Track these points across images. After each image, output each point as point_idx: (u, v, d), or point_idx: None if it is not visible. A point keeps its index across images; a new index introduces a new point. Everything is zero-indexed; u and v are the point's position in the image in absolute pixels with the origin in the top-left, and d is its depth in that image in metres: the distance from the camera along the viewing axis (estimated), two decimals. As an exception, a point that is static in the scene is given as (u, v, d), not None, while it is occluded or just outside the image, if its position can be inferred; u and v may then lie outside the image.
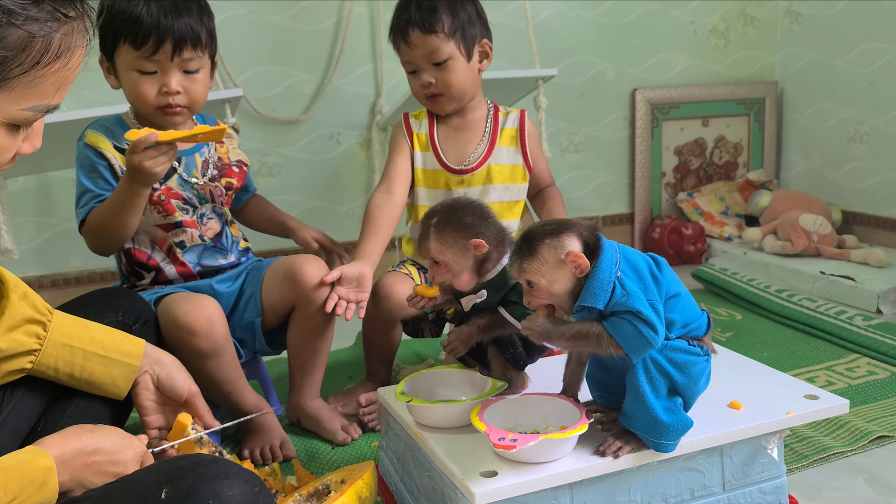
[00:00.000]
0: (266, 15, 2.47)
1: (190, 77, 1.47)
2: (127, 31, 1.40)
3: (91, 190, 1.46)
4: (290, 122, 2.56)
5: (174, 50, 1.42)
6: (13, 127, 0.79)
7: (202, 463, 0.84)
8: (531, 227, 1.08)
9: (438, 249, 1.18)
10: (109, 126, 1.52)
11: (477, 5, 1.69)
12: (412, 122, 1.76)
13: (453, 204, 1.22)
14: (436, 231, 1.19)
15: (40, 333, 1.03)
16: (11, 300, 1.00)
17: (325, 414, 1.59)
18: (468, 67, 1.66)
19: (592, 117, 2.99)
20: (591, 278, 1.03)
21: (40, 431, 1.09)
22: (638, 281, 1.05)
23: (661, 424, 1.06)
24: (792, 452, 1.44)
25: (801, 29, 3.07)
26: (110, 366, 1.09)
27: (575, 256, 1.02)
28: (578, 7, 2.86)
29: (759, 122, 3.20)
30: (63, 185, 2.36)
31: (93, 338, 1.08)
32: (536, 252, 1.04)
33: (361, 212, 2.69)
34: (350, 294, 1.51)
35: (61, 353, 1.05)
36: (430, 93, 1.67)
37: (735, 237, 2.92)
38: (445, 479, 1.10)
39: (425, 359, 2.02)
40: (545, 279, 1.04)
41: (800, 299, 2.30)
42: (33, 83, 0.76)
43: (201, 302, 1.41)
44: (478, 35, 1.67)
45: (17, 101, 0.76)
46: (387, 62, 2.61)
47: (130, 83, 1.45)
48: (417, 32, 1.62)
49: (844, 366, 1.89)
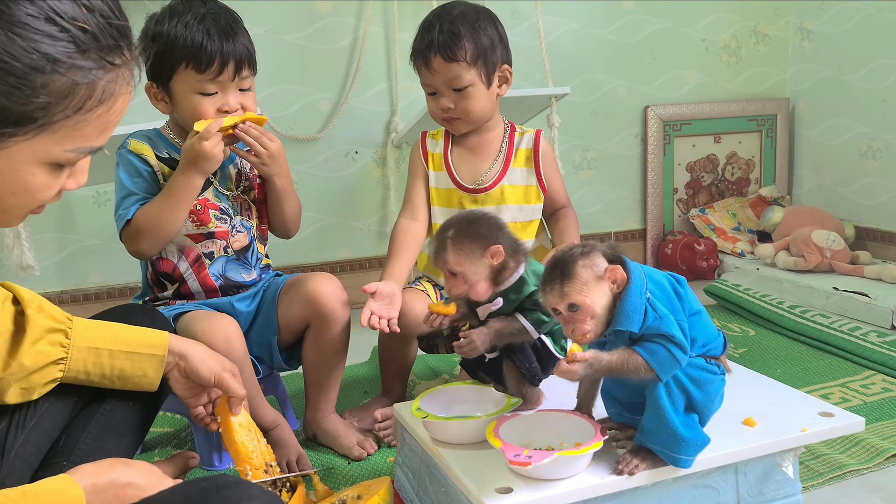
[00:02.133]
0: (283, 35, 2.51)
1: (244, 94, 1.53)
2: (190, 57, 1.45)
3: (135, 192, 1.50)
4: (307, 140, 2.59)
5: (236, 70, 1.48)
6: (56, 166, 0.81)
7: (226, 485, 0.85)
8: (557, 255, 1.07)
9: (456, 260, 1.21)
10: (150, 137, 1.56)
11: (499, 28, 1.69)
12: (429, 141, 1.78)
13: (468, 216, 1.25)
14: (453, 242, 1.21)
15: (63, 341, 1.05)
16: (29, 315, 1.01)
17: (340, 429, 1.61)
18: (487, 94, 1.67)
19: (605, 134, 3.00)
20: (623, 301, 1.04)
21: (61, 447, 1.10)
22: (666, 301, 1.06)
23: (681, 439, 1.06)
24: (807, 470, 1.44)
25: (813, 46, 3.08)
26: (138, 360, 1.10)
27: (612, 270, 1.03)
28: (591, 25, 2.89)
29: (771, 138, 3.20)
30: (84, 202, 2.39)
31: (116, 337, 1.09)
32: (574, 273, 1.04)
33: (376, 228, 2.72)
34: (382, 310, 1.52)
35: (88, 356, 1.07)
36: (448, 116, 1.69)
37: (748, 253, 2.92)
38: (461, 495, 1.11)
39: (440, 374, 2.03)
40: (588, 298, 1.03)
41: (813, 315, 2.30)
42: (76, 127, 0.78)
43: (220, 321, 1.43)
44: (499, 61, 1.67)
45: (59, 143, 0.78)
46: (402, 80, 2.64)
47: (192, 105, 1.48)
48: (440, 59, 1.62)
49: (859, 382, 1.88)
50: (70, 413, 1.13)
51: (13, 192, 0.80)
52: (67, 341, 1.05)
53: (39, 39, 0.73)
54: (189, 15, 1.45)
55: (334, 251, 2.70)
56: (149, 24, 1.49)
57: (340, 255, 2.71)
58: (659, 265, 3.04)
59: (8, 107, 0.74)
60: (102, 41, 0.77)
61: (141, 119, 1.66)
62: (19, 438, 1.06)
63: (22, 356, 1.00)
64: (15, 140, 0.76)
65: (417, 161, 1.77)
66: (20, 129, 0.75)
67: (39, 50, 0.73)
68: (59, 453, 1.09)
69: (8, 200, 0.81)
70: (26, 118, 0.75)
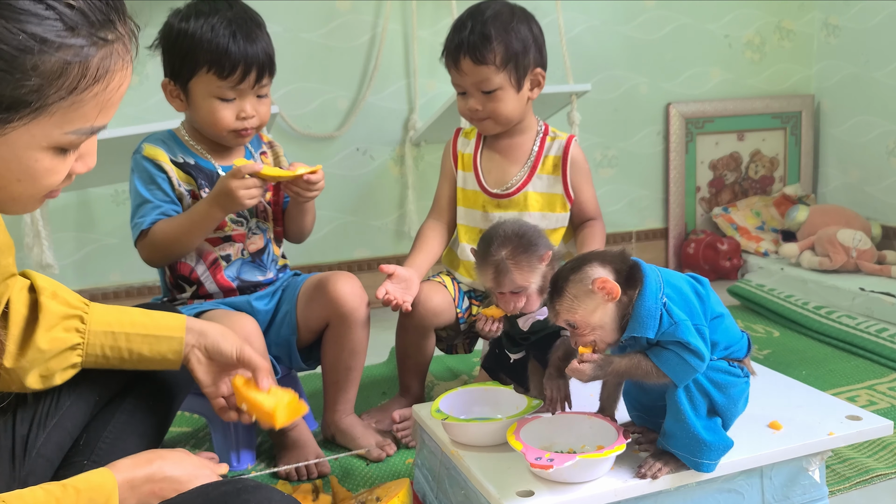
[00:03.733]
0: (300, 33, 2.51)
1: (260, 101, 1.52)
2: (213, 62, 1.43)
3: (150, 201, 1.49)
4: (325, 137, 2.58)
5: (257, 79, 1.47)
6: (60, 150, 0.78)
7: (246, 489, 0.85)
8: (556, 272, 1.09)
9: (523, 277, 1.23)
10: (164, 140, 1.55)
11: (534, 29, 1.65)
12: (460, 140, 1.77)
13: (507, 232, 1.25)
14: (513, 262, 1.22)
15: (79, 327, 1.05)
16: (42, 303, 1.02)
17: (359, 430, 1.60)
18: (517, 97, 1.64)
19: (626, 132, 2.97)
20: (637, 307, 1.03)
21: (82, 446, 1.11)
22: (684, 305, 1.04)
23: (703, 443, 1.04)
24: (833, 474, 1.42)
25: (839, 42, 3.03)
26: (156, 343, 1.10)
27: (601, 282, 1.02)
28: (612, 22, 2.86)
29: (796, 136, 3.16)
30: (102, 201, 2.40)
31: (133, 320, 1.10)
32: (564, 290, 1.05)
33: (394, 227, 2.72)
34: (398, 291, 1.53)
35: (105, 340, 1.07)
36: (477, 117, 1.67)
37: (772, 252, 2.88)
38: (481, 498, 1.09)
39: (459, 375, 2.02)
40: (579, 314, 1.04)
41: (839, 316, 2.26)
42: (73, 108, 0.75)
43: (239, 320, 1.43)
44: (531, 64, 1.64)
45: (58, 126, 0.76)
46: (420, 78, 2.62)
47: (209, 109, 1.47)
48: (468, 61, 1.60)
49: (887, 385, 1.85)
50: (90, 412, 1.13)
51: (18, 179, 0.78)
52: (83, 326, 1.05)
53: (25, 19, 0.70)
54: (216, 18, 1.44)
55: (352, 250, 2.69)
56: (172, 20, 1.48)
57: (358, 255, 2.70)
58: (681, 265, 3.01)
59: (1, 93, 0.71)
60: (92, 17, 0.74)
61: (157, 118, 1.66)
62: (41, 437, 1.07)
63: (38, 342, 1.01)
64: (12, 126, 0.73)
65: (447, 163, 1.77)
66: (15, 114, 0.73)
67: (26, 31, 0.70)
68: (80, 452, 1.10)
69: (15, 188, 0.78)
70: (19, 103, 0.72)
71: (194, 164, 1.54)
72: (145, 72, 2.34)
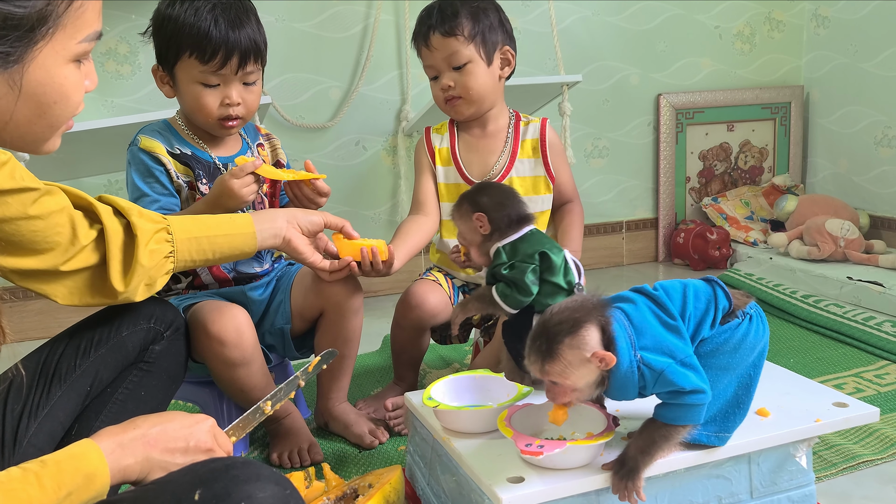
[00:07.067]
0: (293, 23, 2.50)
1: (248, 88, 1.50)
2: (194, 46, 1.42)
3: (148, 195, 1.47)
4: (317, 128, 2.59)
5: (239, 64, 1.45)
6: (77, 63, 0.88)
7: (234, 465, 0.85)
8: (544, 320, 1.01)
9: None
10: (160, 131, 1.53)
11: (501, 15, 1.70)
12: (433, 137, 1.77)
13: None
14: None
15: (167, 237, 1.16)
16: (134, 222, 1.11)
17: (352, 418, 1.61)
18: (488, 72, 1.66)
19: (617, 122, 2.98)
20: (613, 374, 0.99)
21: (74, 435, 1.11)
22: (659, 349, 1.00)
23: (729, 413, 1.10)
24: (821, 460, 1.44)
25: (828, 32, 3.05)
26: (233, 239, 1.25)
27: (601, 355, 0.97)
28: (603, 12, 2.86)
29: (785, 126, 3.18)
30: (96, 190, 2.38)
31: (208, 225, 1.23)
32: (558, 354, 0.97)
33: (387, 217, 2.72)
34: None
35: (191, 245, 1.19)
36: (449, 96, 1.68)
37: (761, 242, 2.90)
38: (472, 485, 1.10)
39: (451, 363, 2.03)
40: (570, 379, 0.99)
41: (827, 305, 2.29)
42: (78, 14, 0.85)
43: (230, 311, 1.42)
44: (499, 42, 1.67)
45: (72, 37, 0.85)
46: (412, 69, 2.63)
47: (193, 95, 1.46)
48: (438, 35, 1.63)
49: (873, 373, 1.87)
50: (82, 402, 1.14)
51: (55, 101, 0.87)
52: (170, 236, 1.16)
53: None
54: (202, 2, 1.43)
55: (345, 240, 2.69)
56: (161, 5, 1.47)
57: (351, 244, 2.70)
58: (671, 254, 3.03)
59: (24, 14, 0.80)
60: None
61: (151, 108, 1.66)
62: (32, 427, 1.07)
63: (140, 259, 1.10)
64: (40, 47, 0.83)
65: (423, 158, 1.76)
66: (40, 32, 0.82)
67: None
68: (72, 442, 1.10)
69: (53, 113, 0.88)
70: (42, 19, 0.82)
71: (192, 154, 1.52)
72: (137, 62, 2.33)
